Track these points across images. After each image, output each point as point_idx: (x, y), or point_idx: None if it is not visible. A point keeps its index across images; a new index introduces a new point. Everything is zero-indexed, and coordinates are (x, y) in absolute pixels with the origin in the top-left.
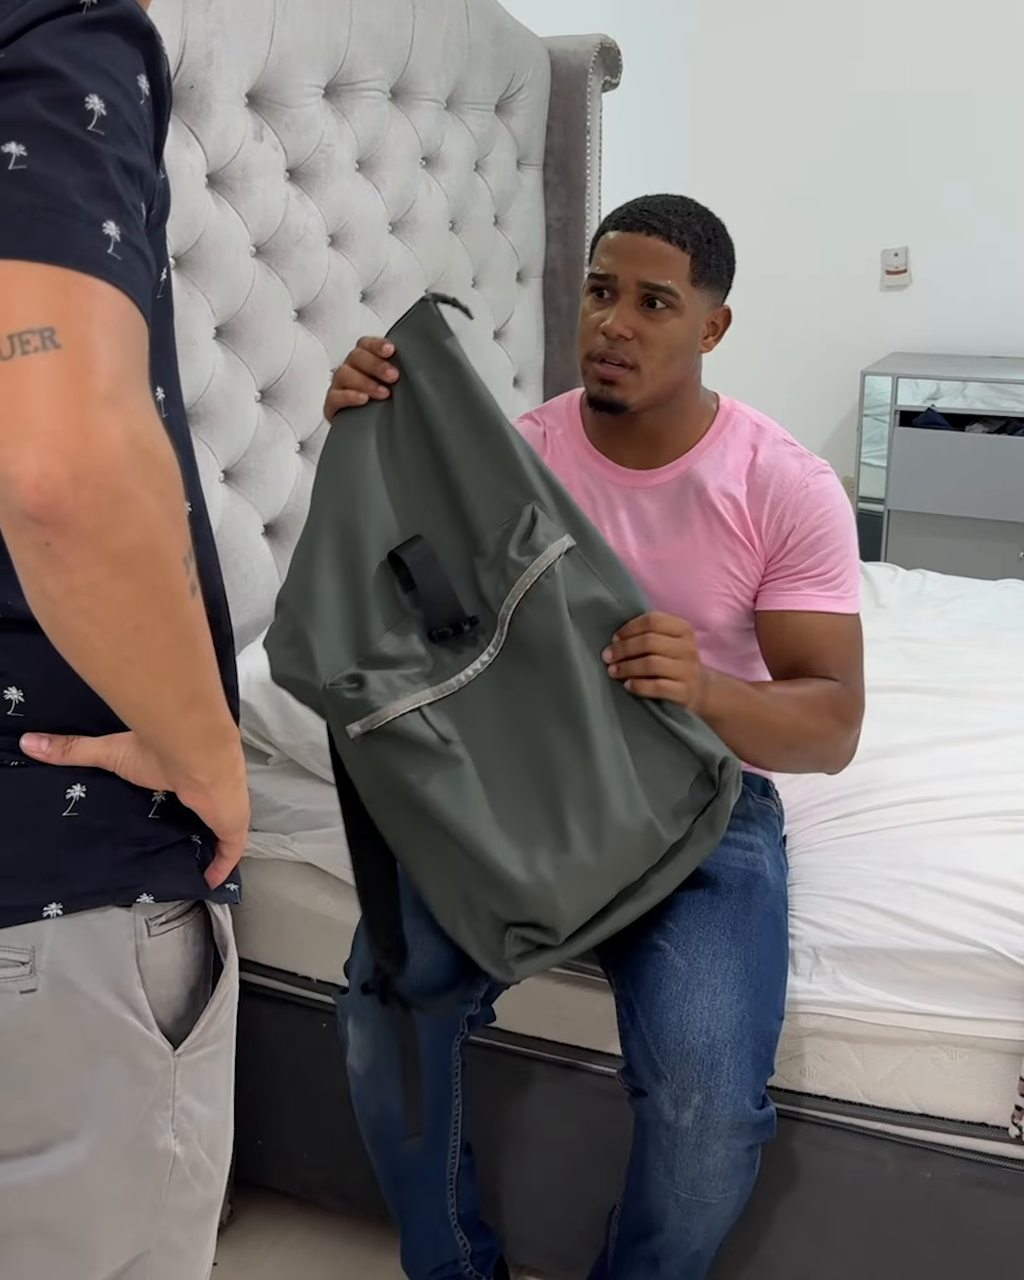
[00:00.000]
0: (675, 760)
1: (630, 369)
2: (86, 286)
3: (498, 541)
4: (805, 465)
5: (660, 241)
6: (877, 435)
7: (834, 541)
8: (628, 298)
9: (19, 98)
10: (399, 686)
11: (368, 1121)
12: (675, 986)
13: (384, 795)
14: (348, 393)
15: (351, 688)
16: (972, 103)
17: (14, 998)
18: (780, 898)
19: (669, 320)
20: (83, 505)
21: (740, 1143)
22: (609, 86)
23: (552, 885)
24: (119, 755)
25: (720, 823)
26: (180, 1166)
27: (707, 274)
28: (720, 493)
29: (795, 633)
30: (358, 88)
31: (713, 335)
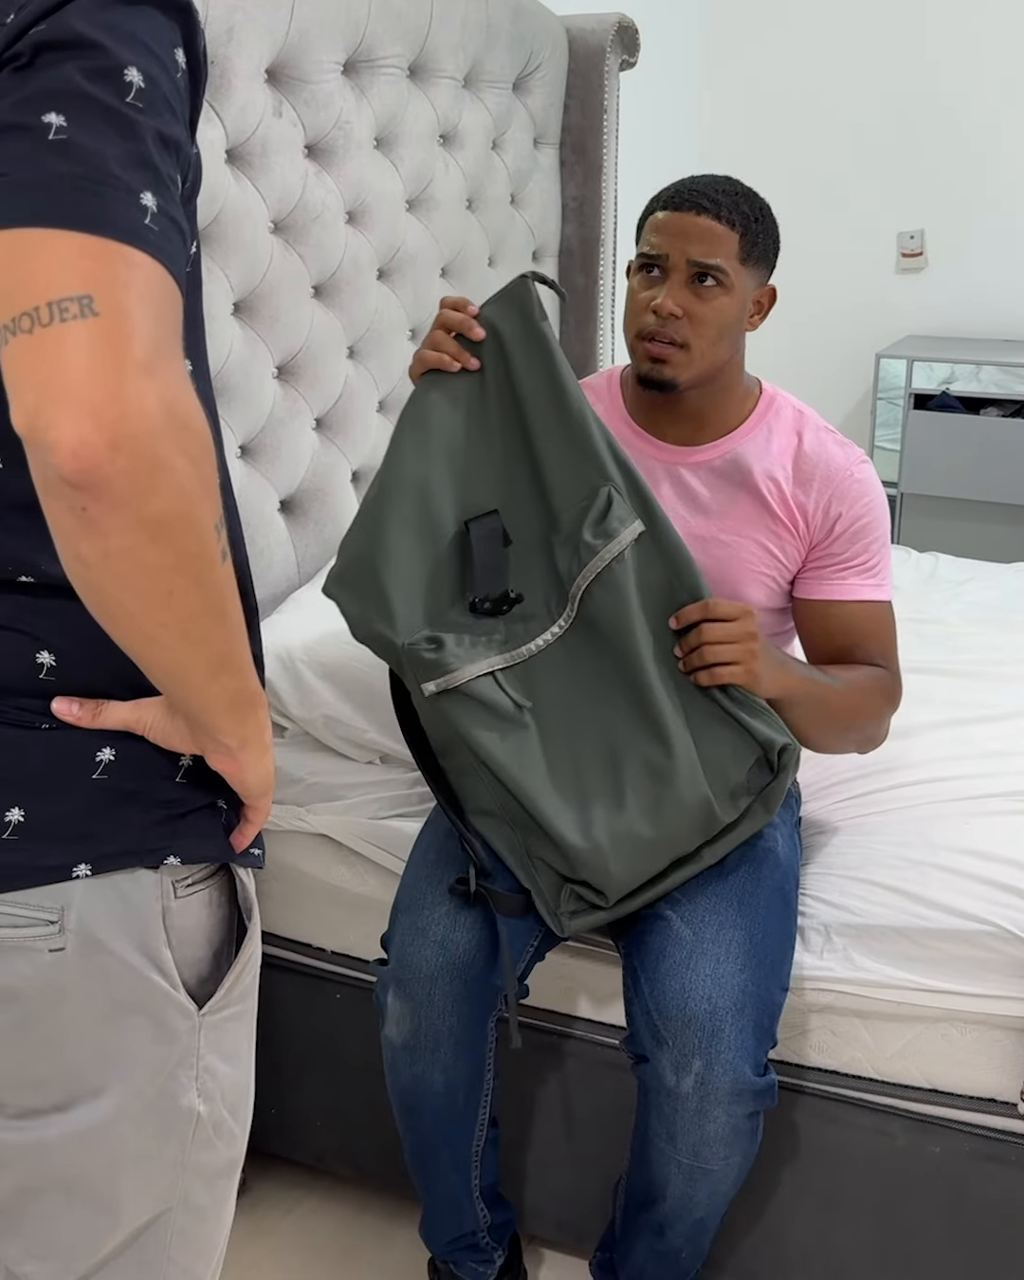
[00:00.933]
0: (736, 744)
1: (680, 347)
2: (124, 255)
3: (573, 520)
4: (849, 454)
5: (710, 220)
6: (891, 418)
7: (876, 530)
8: (678, 276)
9: (60, 69)
10: (475, 651)
11: (400, 1092)
12: (679, 954)
13: (453, 747)
14: (443, 357)
15: (431, 648)
16: (989, 85)
17: (43, 956)
18: (791, 875)
19: (719, 298)
20: (119, 471)
21: (741, 1109)
22: (627, 66)
23: (604, 851)
24: (148, 719)
25: (775, 802)
26: (203, 1125)
27: (754, 252)
28: (766, 476)
29: (842, 622)
30: (377, 65)
31: (758, 314)
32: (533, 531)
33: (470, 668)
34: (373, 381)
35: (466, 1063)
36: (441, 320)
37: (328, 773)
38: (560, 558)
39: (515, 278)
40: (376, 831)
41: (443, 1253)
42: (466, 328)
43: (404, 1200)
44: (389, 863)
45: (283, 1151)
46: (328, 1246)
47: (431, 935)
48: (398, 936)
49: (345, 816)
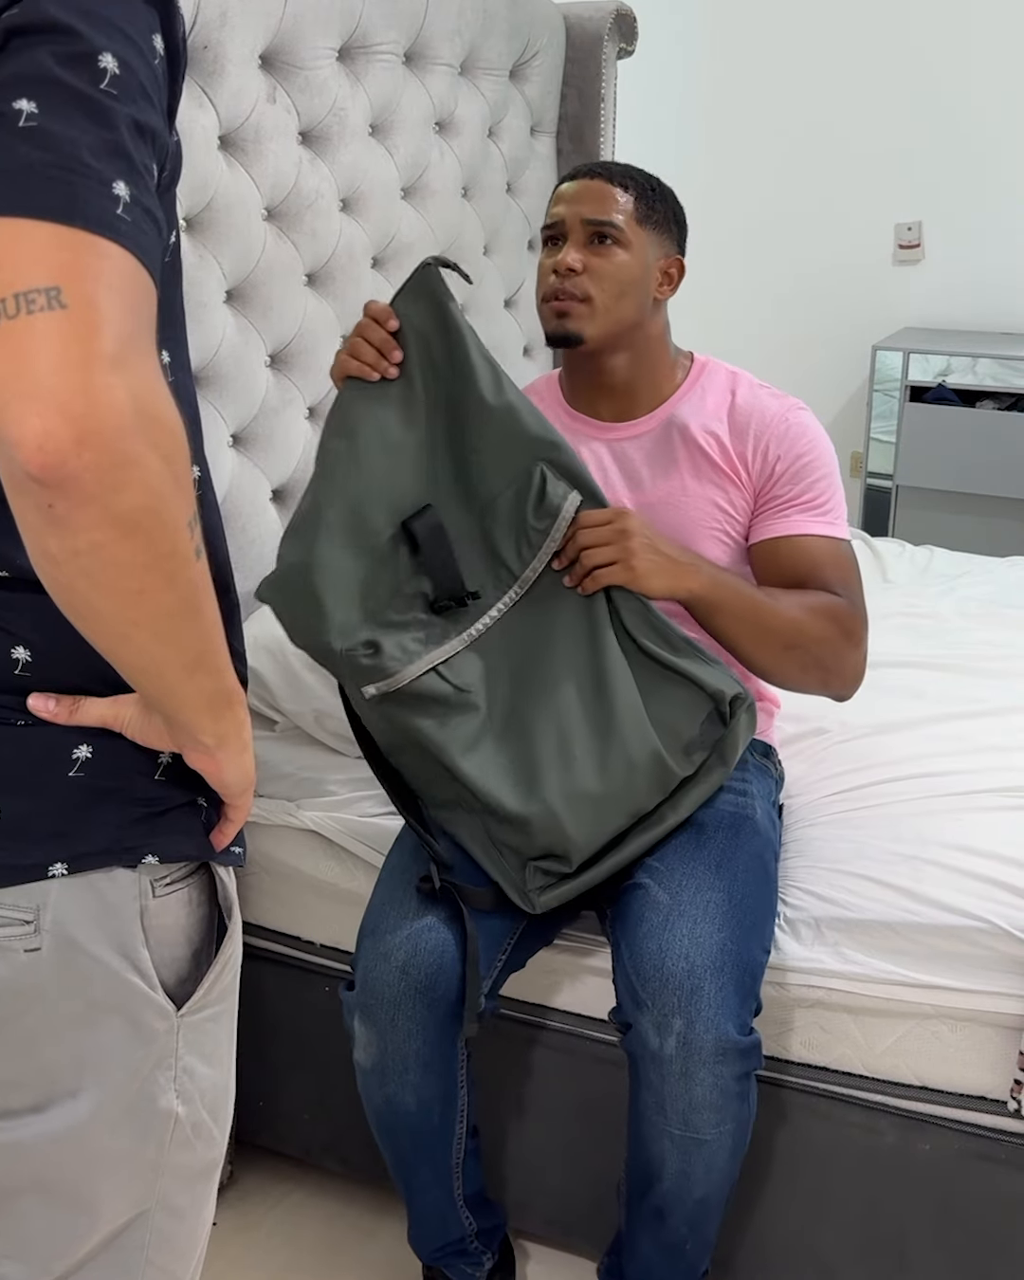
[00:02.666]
0: (687, 700)
1: (582, 301)
2: (95, 246)
3: (511, 503)
4: (783, 403)
5: (602, 183)
6: (886, 410)
7: (820, 469)
8: (576, 237)
9: (32, 54)
10: (412, 650)
11: (374, 1113)
12: (656, 918)
13: (400, 743)
14: (363, 367)
15: (368, 654)
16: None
17: (18, 956)
18: (769, 844)
19: (617, 254)
20: (86, 467)
21: (727, 1070)
22: (624, 54)
23: (557, 812)
24: (126, 716)
25: (732, 755)
26: (182, 1126)
27: (652, 217)
28: (703, 430)
29: (790, 556)
30: (372, 51)
31: (667, 284)
32: (465, 519)
33: (410, 668)
34: None
35: (437, 1082)
36: (362, 330)
37: (317, 767)
38: (501, 541)
39: (419, 265)
40: (365, 828)
41: (430, 1260)
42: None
43: (391, 1195)
44: (376, 859)
45: (270, 1145)
46: (314, 1240)
47: (394, 960)
48: (362, 961)
49: (335, 813)
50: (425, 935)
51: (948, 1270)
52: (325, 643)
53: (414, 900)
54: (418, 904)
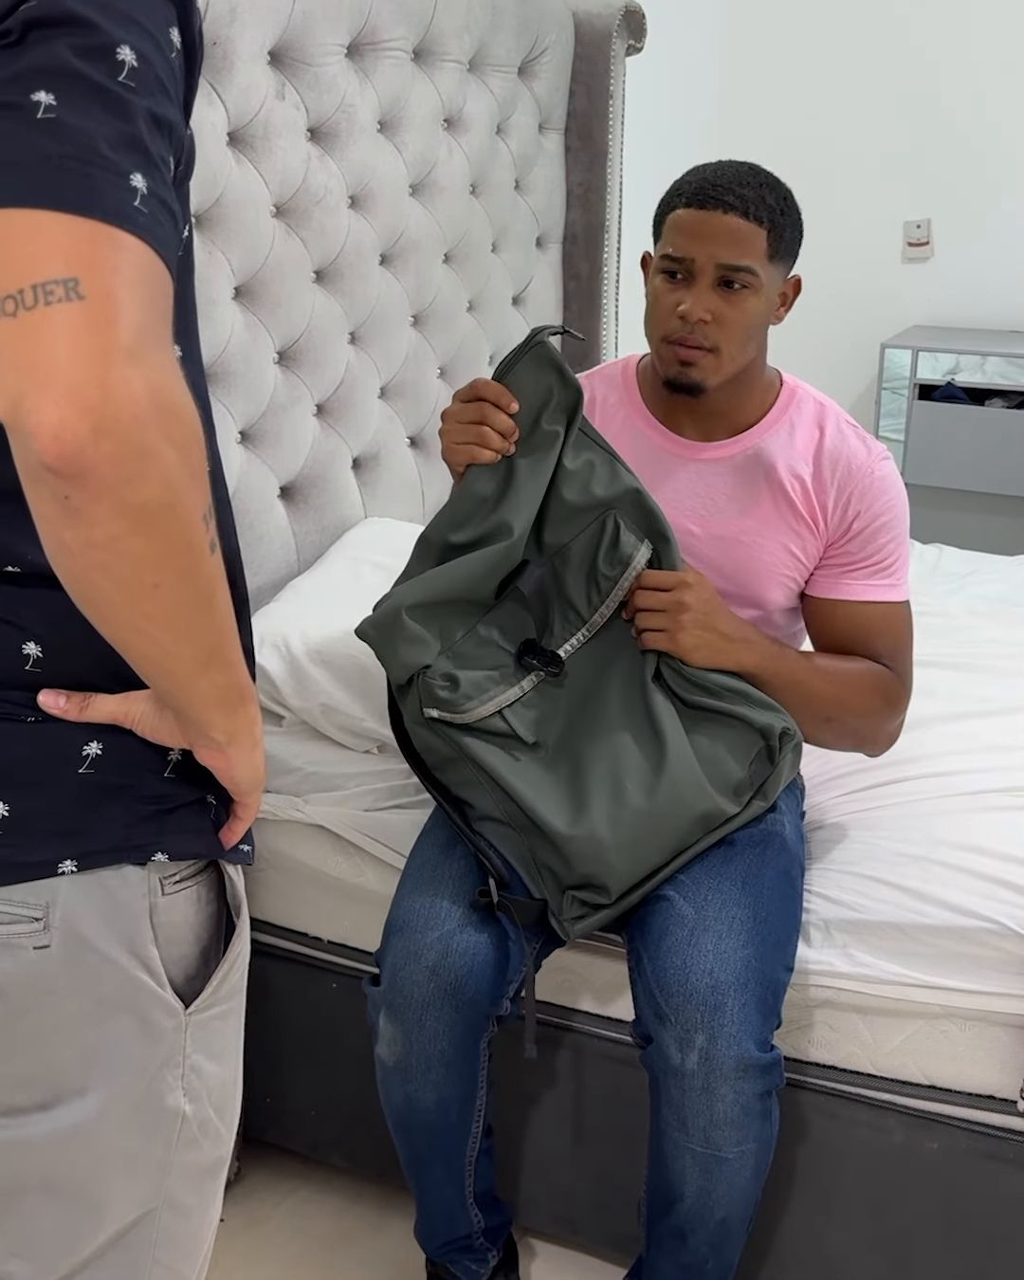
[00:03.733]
0: (736, 740)
1: (709, 351)
2: (112, 238)
3: (584, 549)
4: (871, 450)
5: (737, 219)
6: (895, 409)
7: (895, 529)
8: (705, 280)
9: (50, 46)
10: (485, 690)
11: (392, 1110)
12: (681, 932)
13: (451, 757)
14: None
15: (445, 685)
16: (996, 74)
17: (27, 953)
18: (796, 860)
19: (747, 300)
20: (102, 458)
21: (748, 1087)
22: (633, 51)
23: (602, 840)
24: (137, 712)
25: (774, 791)
26: (189, 1124)
27: (782, 247)
28: (790, 473)
29: (848, 620)
30: (380, 47)
31: (784, 306)
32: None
33: (481, 709)
34: (374, 368)
35: (458, 1083)
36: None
37: (325, 762)
38: (571, 586)
39: (531, 339)
40: (373, 823)
41: (436, 1255)
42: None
43: (397, 1190)
44: (385, 854)
45: (277, 1141)
46: (321, 1235)
47: (425, 960)
48: (390, 959)
49: (342, 807)
50: (457, 937)
51: (955, 1269)
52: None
53: (446, 899)
54: (449, 904)
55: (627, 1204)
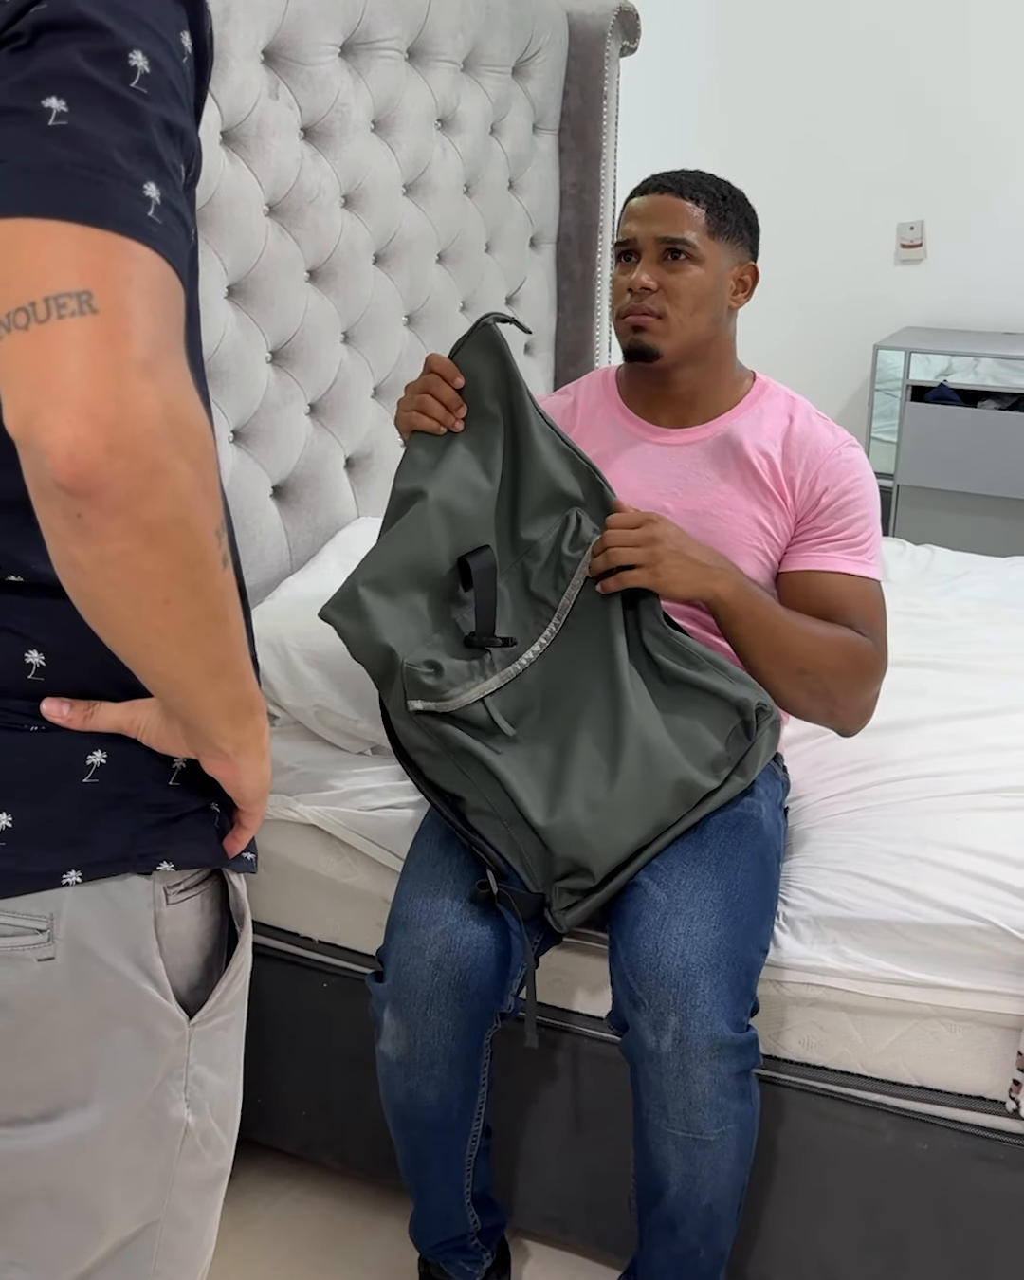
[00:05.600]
0: (712, 715)
1: (658, 317)
2: (125, 249)
3: (551, 545)
4: (838, 436)
5: (672, 198)
6: (888, 410)
7: (863, 508)
8: (649, 255)
9: (61, 50)
10: (467, 677)
11: (394, 1106)
12: (653, 917)
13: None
14: (433, 423)
15: (429, 672)
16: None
17: (32, 965)
18: (772, 845)
19: (690, 270)
20: (117, 475)
21: (724, 1067)
22: (627, 51)
23: (579, 824)
24: (142, 721)
25: (753, 768)
26: (192, 1136)
27: (724, 228)
28: (757, 450)
29: (820, 591)
30: (374, 47)
31: (741, 292)
32: (509, 561)
33: (465, 696)
34: (368, 367)
35: (461, 1078)
36: (430, 387)
37: (318, 762)
38: (539, 581)
39: (478, 323)
40: (365, 822)
41: (431, 1254)
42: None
43: (389, 1190)
44: (378, 854)
45: (268, 1141)
46: (312, 1236)
47: (428, 955)
48: (393, 954)
49: (335, 807)
50: (460, 931)
51: (947, 1270)
52: (391, 648)
53: (447, 895)
54: (451, 899)
55: (617, 1205)
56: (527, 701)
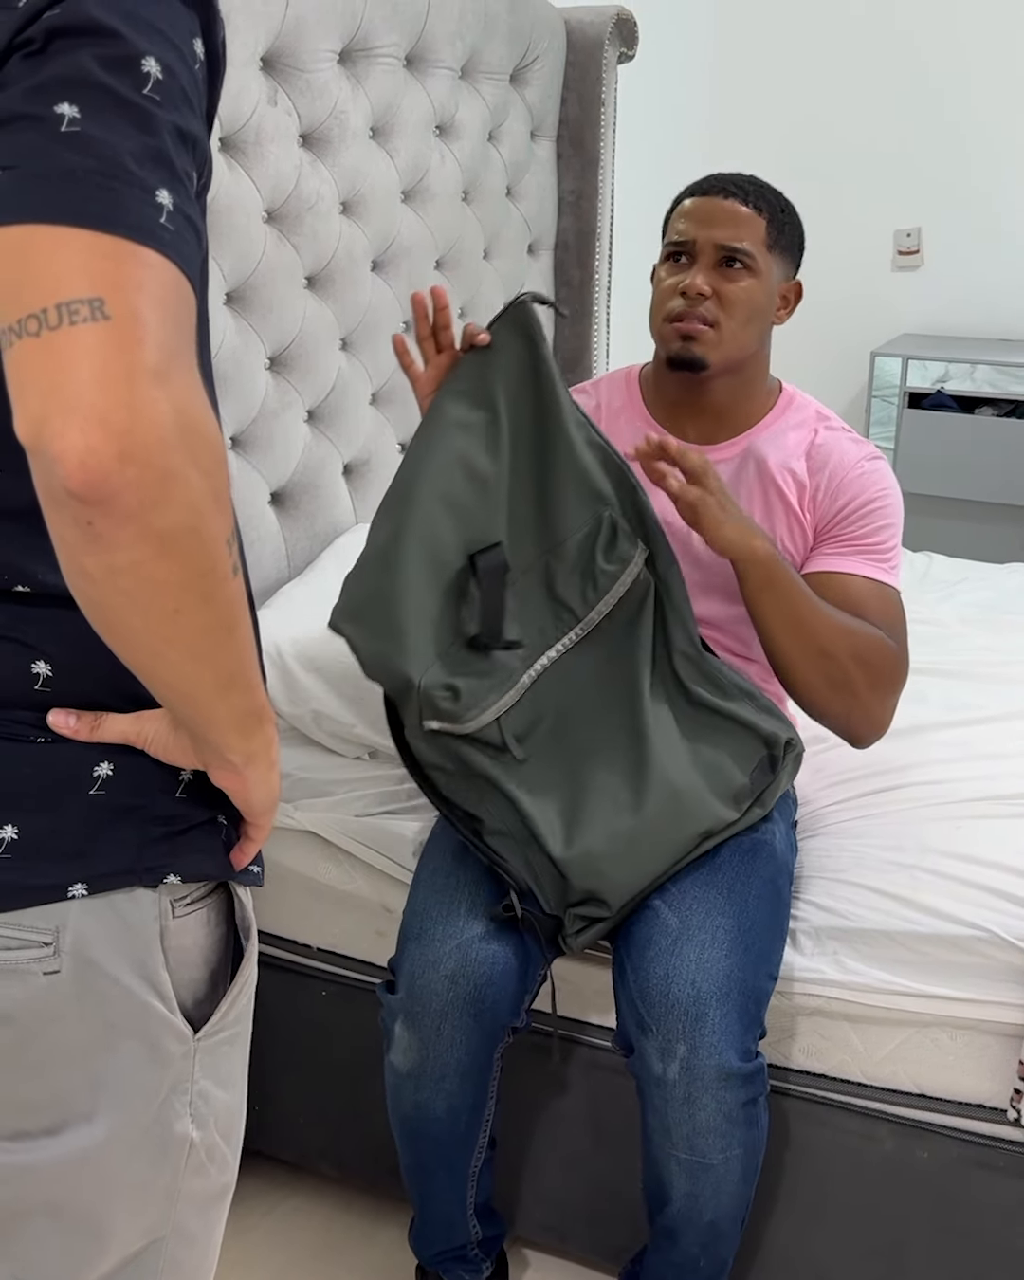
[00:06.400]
0: (738, 747)
1: (710, 326)
2: (138, 256)
3: (580, 547)
4: (863, 449)
5: (737, 204)
6: (885, 417)
7: (887, 517)
8: (706, 259)
9: (74, 56)
10: (482, 698)
11: (401, 1118)
12: (664, 942)
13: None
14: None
15: (446, 696)
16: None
17: (37, 979)
18: (784, 869)
19: (746, 280)
20: (128, 484)
21: (731, 1096)
22: (625, 59)
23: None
24: (149, 732)
25: (772, 800)
26: (197, 1151)
27: (781, 241)
28: (782, 468)
29: (841, 593)
30: (373, 54)
31: (785, 309)
32: (531, 557)
33: (482, 717)
34: (366, 374)
35: (471, 1092)
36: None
37: (316, 768)
38: (564, 584)
39: (514, 300)
40: (364, 829)
41: (431, 1263)
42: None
43: (387, 1200)
44: (376, 861)
45: (266, 1149)
46: (310, 1245)
47: (443, 969)
48: (407, 966)
49: (333, 813)
50: (475, 946)
51: (947, 1278)
52: (406, 677)
53: (462, 907)
54: (467, 912)
55: (618, 1214)
56: (539, 713)
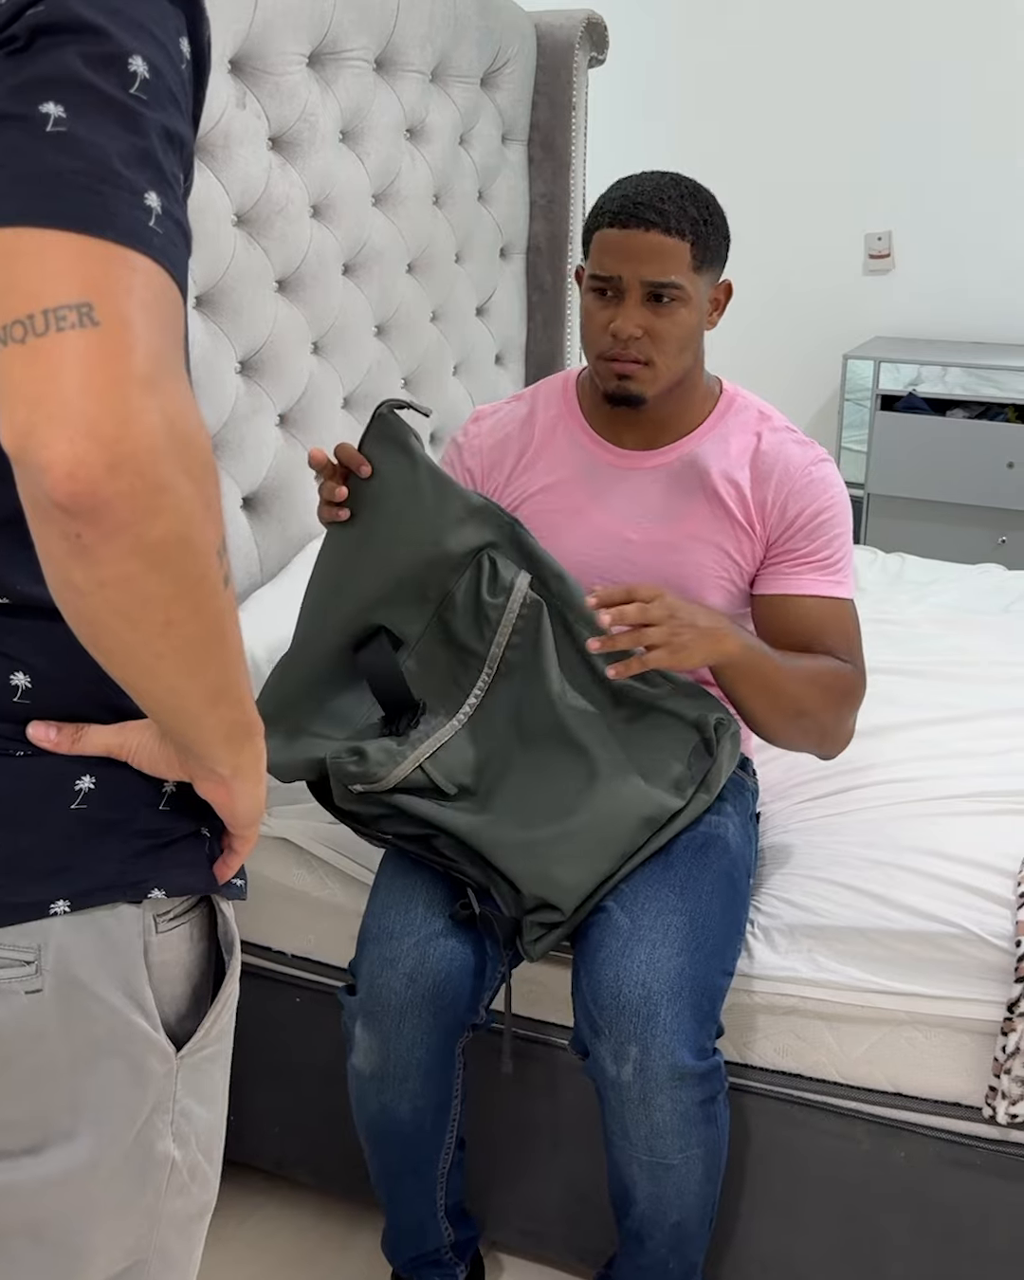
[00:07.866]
0: (671, 737)
1: (645, 365)
2: (126, 260)
3: (466, 592)
4: (808, 453)
5: (659, 235)
6: (858, 419)
7: (836, 527)
8: (633, 296)
9: (59, 54)
10: (395, 752)
11: (367, 1121)
12: (616, 944)
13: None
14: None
15: (353, 760)
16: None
17: (19, 998)
18: (740, 863)
19: (677, 312)
20: (118, 494)
21: (687, 1095)
22: (596, 63)
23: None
24: (133, 744)
25: (716, 783)
26: (179, 1171)
27: (707, 255)
28: (724, 478)
29: (798, 618)
30: (342, 57)
31: (716, 311)
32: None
33: (397, 771)
34: (337, 377)
35: (434, 1092)
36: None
37: None
38: (463, 631)
39: (377, 412)
40: (337, 835)
41: (405, 1269)
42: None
43: (363, 1207)
44: (349, 867)
45: (240, 1158)
46: (286, 1253)
47: (401, 967)
48: (366, 967)
49: (306, 820)
50: (433, 943)
51: (924, 1277)
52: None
53: (420, 907)
54: (424, 910)
55: (593, 1216)
56: (476, 753)
